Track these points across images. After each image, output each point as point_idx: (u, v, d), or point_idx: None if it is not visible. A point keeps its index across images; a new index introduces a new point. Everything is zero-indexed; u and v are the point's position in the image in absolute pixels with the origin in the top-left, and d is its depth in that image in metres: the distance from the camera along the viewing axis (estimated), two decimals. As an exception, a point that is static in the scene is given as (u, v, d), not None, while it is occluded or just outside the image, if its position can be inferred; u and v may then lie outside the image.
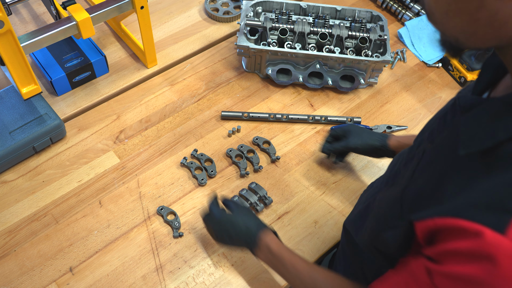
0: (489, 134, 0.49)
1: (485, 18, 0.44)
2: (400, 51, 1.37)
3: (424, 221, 0.51)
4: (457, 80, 1.31)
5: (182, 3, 1.45)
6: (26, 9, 1.41)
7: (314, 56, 1.20)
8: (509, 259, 0.43)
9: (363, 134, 1.01)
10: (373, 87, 1.29)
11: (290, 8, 1.28)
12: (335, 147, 1.04)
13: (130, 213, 1.02)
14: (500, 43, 0.47)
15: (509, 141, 0.48)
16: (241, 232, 0.84)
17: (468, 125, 0.53)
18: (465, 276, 0.47)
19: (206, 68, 1.30)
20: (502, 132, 0.48)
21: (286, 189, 1.08)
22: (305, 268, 0.78)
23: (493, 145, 0.49)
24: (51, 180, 1.07)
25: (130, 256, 0.97)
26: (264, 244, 0.82)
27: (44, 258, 0.96)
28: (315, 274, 0.76)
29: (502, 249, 0.44)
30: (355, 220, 0.82)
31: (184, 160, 1.09)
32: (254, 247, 0.83)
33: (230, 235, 0.85)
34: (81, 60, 1.20)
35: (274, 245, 0.82)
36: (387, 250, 0.65)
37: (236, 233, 0.85)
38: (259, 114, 1.19)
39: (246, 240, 0.84)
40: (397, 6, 1.44)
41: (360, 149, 1.00)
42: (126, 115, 1.19)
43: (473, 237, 0.45)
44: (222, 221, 0.86)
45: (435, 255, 0.51)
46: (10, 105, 1.10)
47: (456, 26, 0.47)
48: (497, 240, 0.44)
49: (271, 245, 0.82)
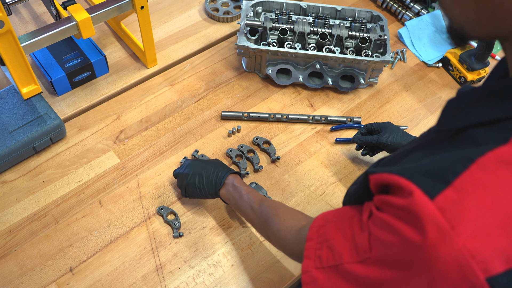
0: (462, 116, 0.52)
1: (490, 8, 0.45)
2: (400, 51, 1.37)
3: (375, 175, 0.54)
4: (457, 80, 1.31)
5: (182, 3, 1.45)
6: (26, 9, 1.41)
7: (314, 56, 1.20)
8: (428, 223, 0.45)
9: (397, 133, 1.02)
10: (373, 87, 1.29)
11: (290, 8, 1.28)
12: (367, 139, 1.05)
13: (130, 213, 1.02)
14: (502, 35, 0.49)
15: (477, 126, 0.50)
16: (211, 173, 0.94)
17: (450, 106, 0.56)
18: (392, 225, 0.50)
19: (206, 68, 1.30)
20: (473, 116, 0.51)
21: (286, 189, 1.08)
22: (257, 197, 0.88)
23: (462, 127, 0.51)
24: (51, 180, 1.07)
25: (130, 256, 0.97)
26: (230, 180, 0.92)
27: (44, 258, 0.96)
28: (265, 201, 0.86)
29: (424, 212, 0.46)
30: None
31: (184, 160, 1.09)
32: (220, 185, 0.93)
33: (201, 178, 0.94)
34: (81, 60, 1.20)
35: (238, 180, 0.92)
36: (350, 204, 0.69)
37: (206, 175, 0.94)
38: (259, 114, 1.19)
39: (215, 180, 0.93)
40: (397, 6, 1.44)
41: (391, 146, 1.01)
42: (126, 115, 1.19)
43: (406, 196, 0.48)
44: (194, 165, 0.97)
45: (379, 202, 0.54)
46: (10, 105, 1.10)
47: (462, 13, 0.49)
48: (423, 202, 0.46)
49: (235, 180, 0.92)
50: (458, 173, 0.46)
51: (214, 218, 1.02)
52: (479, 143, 0.48)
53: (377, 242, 0.52)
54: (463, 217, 0.45)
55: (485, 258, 0.44)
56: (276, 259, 0.97)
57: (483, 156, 0.46)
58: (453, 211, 0.45)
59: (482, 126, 0.50)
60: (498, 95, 0.50)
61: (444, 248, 0.45)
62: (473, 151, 0.47)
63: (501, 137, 0.47)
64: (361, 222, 0.56)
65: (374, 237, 0.52)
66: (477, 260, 0.44)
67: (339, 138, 1.16)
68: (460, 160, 0.47)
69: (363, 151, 1.09)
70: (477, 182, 0.46)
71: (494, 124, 0.49)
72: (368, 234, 0.53)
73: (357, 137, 1.07)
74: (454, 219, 0.45)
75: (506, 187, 0.45)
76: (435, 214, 0.45)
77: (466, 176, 0.46)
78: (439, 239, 0.45)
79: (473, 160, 0.46)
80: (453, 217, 0.45)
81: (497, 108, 0.49)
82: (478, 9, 0.47)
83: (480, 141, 0.48)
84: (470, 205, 0.45)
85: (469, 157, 0.47)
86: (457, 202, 0.45)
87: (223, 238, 1.00)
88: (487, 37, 0.50)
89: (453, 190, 0.46)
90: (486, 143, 0.48)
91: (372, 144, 1.05)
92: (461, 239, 0.44)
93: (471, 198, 0.45)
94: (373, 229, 0.53)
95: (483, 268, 0.44)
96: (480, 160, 0.46)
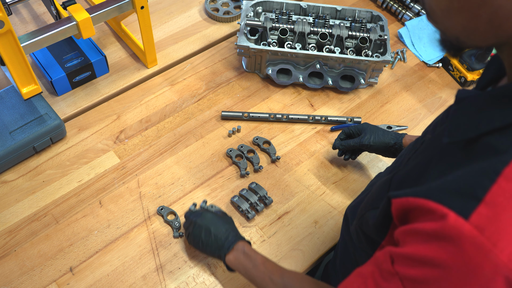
0: (473, 125, 0.51)
1: (487, 15, 0.45)
2: (400, 51, 1.37)
3: (399, 199, 0.52)
4: (457, 80, 1.31)
5: (182, 3, 1.45)
6: (27, 9, 1.41)
7: (314, 56, 1.20)
8: (468, 244, 0.44)
9: (377, 132, 1.01)
10: (373, 87, 1.29)
11: (290, 8, 1.28)
12: (348, 144, 1.04)
13: (130, 213, 1.02)
14: (499, 41, 0.48)
15: (490, 133, 0.49)
16: (220, 233, 0.87)
17: (456, 115, 0.55)
18: (424, 257, 0.48)
19: (206, 68, 1.30)
20: (485, 124, 0.49)
21: (286, 189, 1.08)
22: (276, 268, 0.80)
23: (475, 136, 0.50)
24: (51, 180, 1.07)
25: (130, 256, 0.97)
26: (240, 247, 0.85)
27: (44, 258, 0.96)
28: (286, 273, 0.78)
29: (462, 234, 0.44)
30: (355, 206, 0.83)
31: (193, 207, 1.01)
32: (228, 250, 0.85)
33: (209, 235, 0.88)
34: (81, 60, 1.20)
35: (249, 248, 0.85)
36: (368, 231, 0.66)
37: (215, 233, 0.87)
38: (259, 114, 1.19)
39: (222, 243, 0.86)
40: (397, 6, 1.44)
41: (374, 146, 1.00)
42: (126, 115, 1.19)
43: (438, 219, 0.46)
44: (206, 217, 0.90)
45: (401, 234, 0.52)
46: (10, 105, 1.10)
47: (457, 24, 0.48)
48: (459, 224, 0.45)
49: (246, 247, 0.85)
50: (487, 188, 0.45)
51: (214, 218, 1.02)
52: (499, 152, 0.47)
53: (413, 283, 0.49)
54: (502, 232, 0.44)
55: None
56: (276, 259, 0.97)
57: (508, 166, 0.45)
58: (491, 228, 0.44)
59: (496, 133, 0.49)
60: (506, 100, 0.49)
61: (489, 267, 0.43)
62: (497, 162, 0.46)
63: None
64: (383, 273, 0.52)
65: (408, 279, 0.49)
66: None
67: (335, 126, 1.17)
68: (486, 173, 0.46)
69: (345, 156, 1.09)
70: (508, 194, 0.45)
71: (507, 130, 0.48)
72: (399, 280, 0.50)
73: (338, 143, 1.06)
74: (493, 236, 0.44)
75: None
76: (474, 234, 0.44)
77: (495, 190, 0.45)
78: (482, 258, 0.44)
79: (499, 172, 0.45)
80: (492, 234, 0.44)
81: (507, 113, 0.48)
82: (474, 18, 0.46)
83: (499, 149, 0.47)
84: (506, 218, 0.44)
85: (494, 169, 0.46)
86: (493, 218, 0.44)
87: (223, 238, 1.00)
88: (484, 44, 0.49)
89: (486, 206, 0.45)
90: (506, 150, 0.46)
91: (354, 147, 1.04)
92: (505, 254, 0.43)
93: (506, 212, 0.44)
94: (404, 271, 0.49)
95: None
96: (506, 170, 0.45)
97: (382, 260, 0.53)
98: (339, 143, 1.06)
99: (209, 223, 0.89)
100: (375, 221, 0.63)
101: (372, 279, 0.54)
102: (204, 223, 0.89)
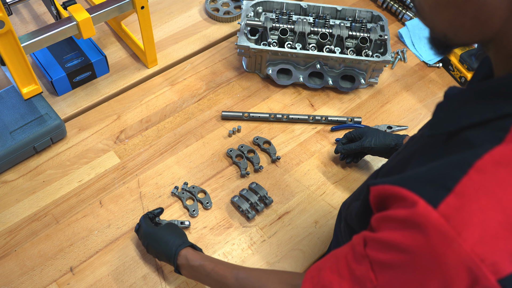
0: (453, 120, 0.52)
1: (472, 11, 0.46)
2: (401, 51, 1.37)
3: (376, 187, 0.53)
4: (457, 80, 1.31)
5: (183, 3, 1.45)
6: (27, 9, 1.41)
7: (314, 56, 1.20)
8: (434, 231, 0.45)
9: (378, 134, 1.02)
10: (374, 87, 1.29)
11: (291, 8, 1.28)
12: (350, 147, 1.05)
13: (130, 213, 1.02)
14: (485, 38, 0.49)
15: (470, 128, 0.50)
16: (160, 248, 0.86)
17: (440, 110, 0.56)
18: (394, 242, 0.49)
19: (206, 68, 1.30)
20: (465, 119, 0.51)
21: (286, 189, 1.08)
22: (228, 271, 0.79)
23: (455, 130, 0.51)
24: (52, 180, 1.07)
25: (130, 256, 0.97)
26: (184, 261, 0.83)
27: (45, 258, 0.96)
28: (240, 273, 0.77)
29: (430, 221, 0.45)
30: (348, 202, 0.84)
31: (175, 190, 1.05)
32: (176, 264, 0.85)
33: (154, 249, 0.88)
34: (81, 60, 1.20)
35: (193, 257, 0.83)
36: (352, 222, 0.68)
37: (158, 247, 0.87)
38: (259, 114, 1.19)
39: (167, 257, 0.86)
40: (397, 6, 1.44)
41: (375, 148, 1.01)
42: (126, 115, 1.19)
43: (409, 206, 0.47)
44: (147, 235, 0.90)
45: (376, 221, 0.53)
46: (10, 105, 1.10)
47: (444, 20, 0.49)
48: (428, 212, 0.46)
49: (189, 258, 0.83)
50: (457, 178, 0.46)
51: (214, 218, 1.02)
52: (474, 145, 0.48)
53: (381, 267, 0.50)
54: (467, 222, 0.45)
55: (495, 260, 0.44)
56: (276, 259, 0.97)
57: (480, 159, 0.46)
58: (457, 218, 0.45)
59: (475, 128, 0.50)
60: (487, 96, 0.50)
61: (452, 255, 0.44)
62: (470, 155, 0.47)
63: (495, 138, 0.47)
64: (356, 255, 0.54)
65: (377, 262, 0.51)
66: (486, 263, 0.44)
67: (335, 126, 1.18)
68: (458, 165, 0.47)
69: (348, 160, 1.10)
70: (477, 186, 0.46)
71: (486, 125, 0.49)
72: (368, 263, 0.52)
73: (340, 147, 1.08)
74: (459, 225, 0.45)
75: (506, 188, 0.45)
76: (440, 222, 0.45)
77: (465, 181, 0.46)
78: (446, 246, 0.45)
79: (470, 164, 0.46)
80: (458, 224, 0.45)
81: (487, 109, 0.49)
82: (461, 14, 0.47)
83: (474, 143, 0.48)
84: (473, 209, 0.45)
85: (467, 161, 0.47)
86: (460, 208, 0.45)
87: (224, 238, 1.00)
88: (471, 41, 0.50)
89: (455, 197, 0.46)
90: (481, 144, 0.47)
91: (356, 151, 1.05)
92: (468, 244, 0.44)
93: (473, 203, 0.45)
94: (373, 255, 0.51)
95: (494, 270, 0.44)
96: (477, 163, 0.46)
97: (357, 243, 0.55)
98: (341, 147, 1.07)
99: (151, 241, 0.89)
100: (357, 211, 0.65)
101: (344, 259, 0.56)
102: (148, 242, 0.89)
